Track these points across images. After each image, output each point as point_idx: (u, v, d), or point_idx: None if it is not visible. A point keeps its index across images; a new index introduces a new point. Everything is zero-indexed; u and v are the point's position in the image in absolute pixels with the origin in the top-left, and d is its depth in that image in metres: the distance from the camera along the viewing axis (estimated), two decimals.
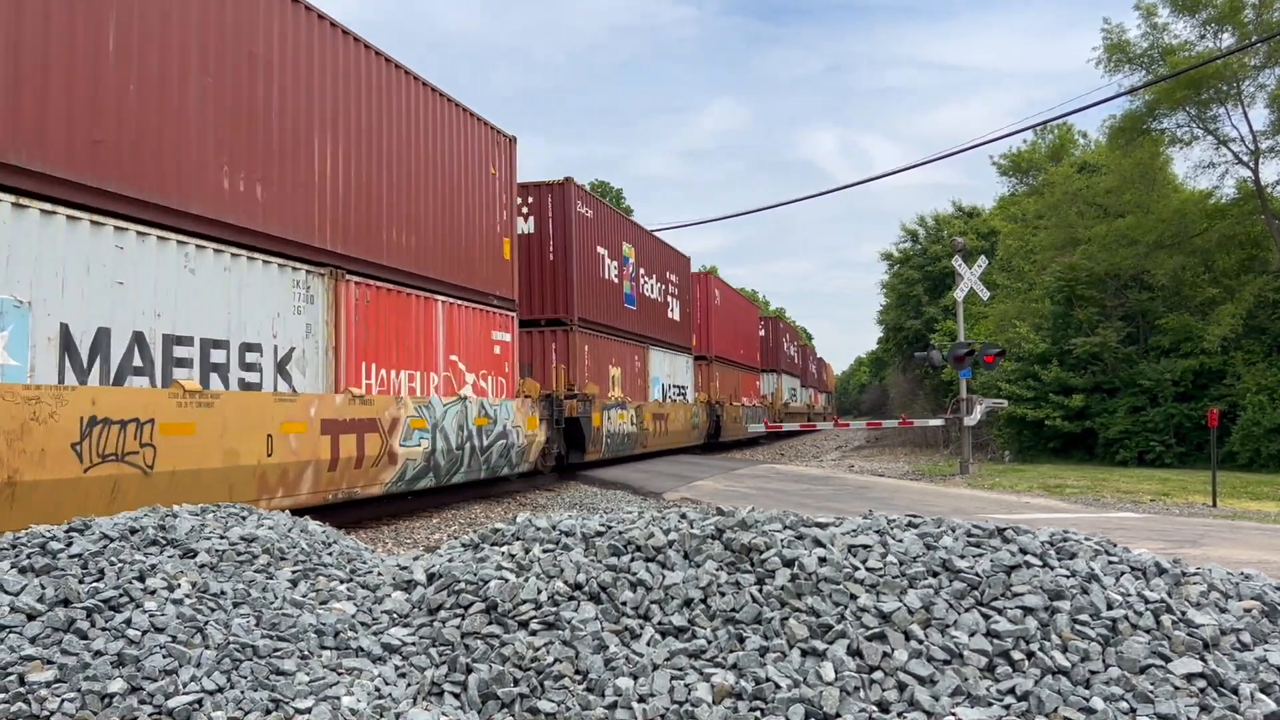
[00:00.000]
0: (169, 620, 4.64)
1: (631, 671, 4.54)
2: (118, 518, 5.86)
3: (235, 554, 5.61)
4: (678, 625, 4.87)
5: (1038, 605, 4.73)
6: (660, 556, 5.35)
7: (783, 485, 19.33)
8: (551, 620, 4.89)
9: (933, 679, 4.35)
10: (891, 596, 4.83)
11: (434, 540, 12.34)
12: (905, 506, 13.92)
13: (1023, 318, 31.54)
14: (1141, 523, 12.83)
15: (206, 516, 6.21)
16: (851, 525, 5.63)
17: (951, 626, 4.64)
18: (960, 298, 24.02)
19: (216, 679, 4.33)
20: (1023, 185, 43.23)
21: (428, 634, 5.00)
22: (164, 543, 5.58)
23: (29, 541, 5.37)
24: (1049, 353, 29.86)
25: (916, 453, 35.22)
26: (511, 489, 19.25)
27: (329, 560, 5.97)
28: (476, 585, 5.21)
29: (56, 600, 4.74)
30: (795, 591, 4.93)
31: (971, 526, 5.52)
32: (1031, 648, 4.49)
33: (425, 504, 16.09)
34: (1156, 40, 27.81)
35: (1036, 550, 5.20)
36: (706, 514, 5.95)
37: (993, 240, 42.89)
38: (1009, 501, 15.80)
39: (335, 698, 4.33)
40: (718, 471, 23.53)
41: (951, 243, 26.17)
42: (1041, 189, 36.55)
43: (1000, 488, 18.93)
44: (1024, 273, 35.50)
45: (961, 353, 22.64)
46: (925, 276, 52.33)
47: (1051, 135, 42.88)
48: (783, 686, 4.33)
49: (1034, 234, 34.74)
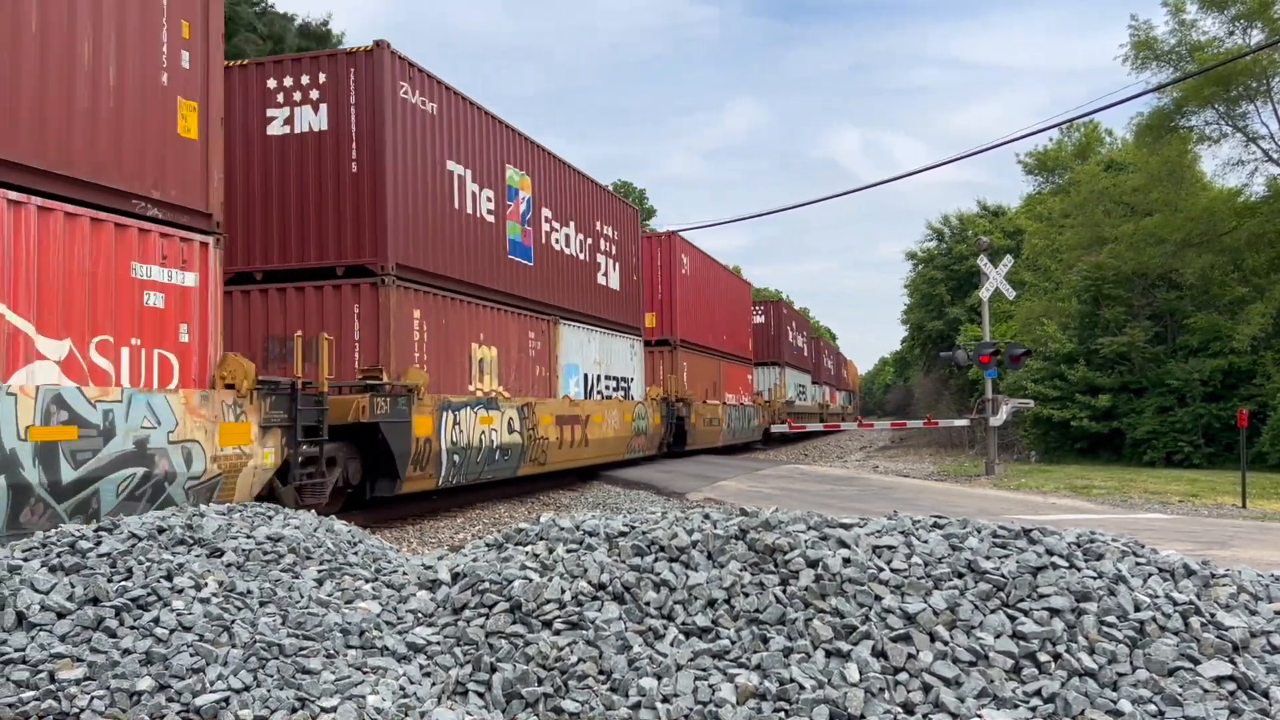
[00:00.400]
0: (196, 619, 4.68)
1: (655, 671, 4.54)
2: (145, 517, 5.92)
3: (262, 553, 5.65)
4: (701, 626, 4.87)
5: (1064, 607, 4.70)
6: (684, 557, 5.35)
7: (806, 486, 19.27)
8: (575, 620, 4.90)
9: (958, 680, 4.33)
10: (916, 597, 4.80)
11: (458, 540, 12.38)
12: (930, 507, 13.85)
13: (1049, 317, 31.30)
14: (1169, 524, 12.71)
15: (233, 516, 6.25)
16: (876, 526, 5.61)
17: (977, 628, 4.62)
18: (986, 297, 23.87)
19: (243, 677, 4.36)
20: (1049, 184, 42.94)
21: (452, 633, 5.02)
22: (191, 542, 5.63)
23: (59, 540, 5.43)
24: (1076, 352, 29.63)
25: (942, 453, 35.03)
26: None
27: (354, 559, 6.00)
28: (501, 585, 5.23)
29: (86, 599, 4.79)
30: (819, 592, 4.91)
31: (997, 527, 5.48)
32: (1058, 649, 4.46)
33: (449, 504, 16.15)
34: (1184, 37, 27.56)
35: (1063, 551, 5.16)
36: (730, 514, 5.95)
37: (1018, 239, 42.60)
38: (1035, 502, 15.69)
39: (360, 696, 4.35)
40: (741, 472, 23.49)
41: (976, 242, 26.00)
42: (1068, 187, 36.27)
43: (1026, 488, 18.80)
44: (1050, 272, 35.24)
45: (987, 352, 22.50)
46: (949, 276, 52.05)
47: (1078, 133, 42.58)
48: (807, 687, 4.32)
49: (1060, 233, 34.47)
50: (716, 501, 15.27)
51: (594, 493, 19.56)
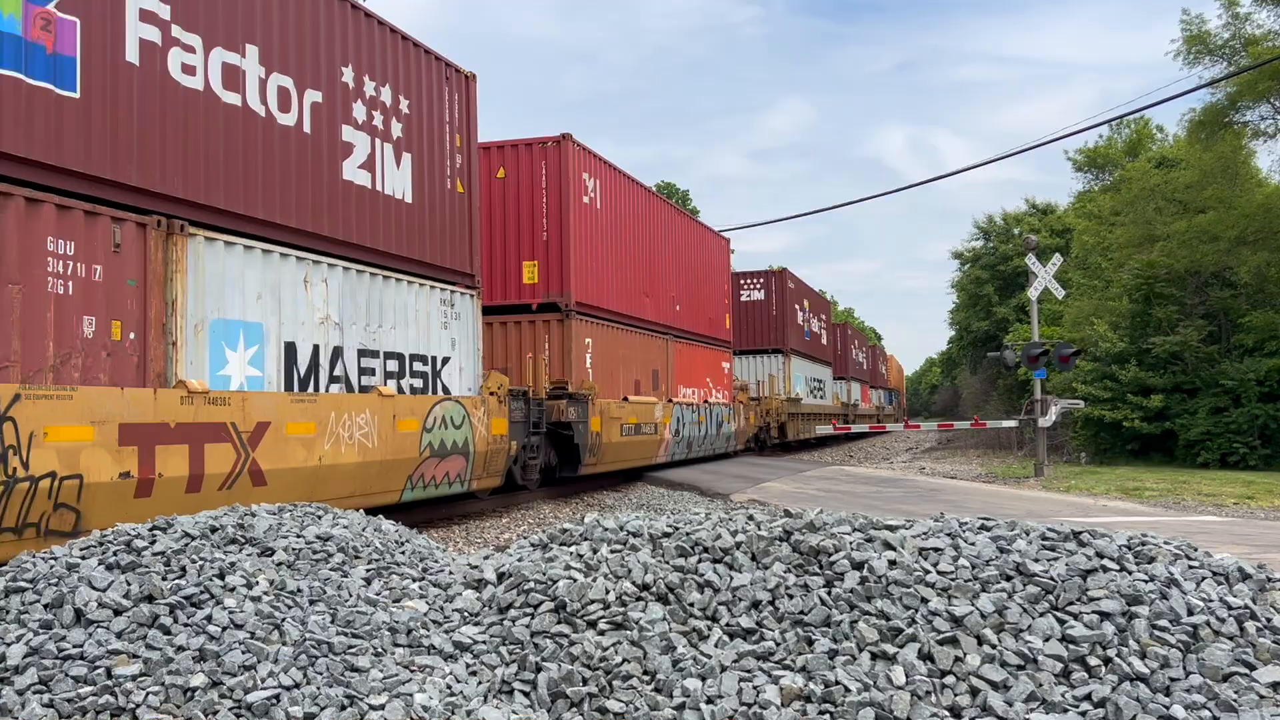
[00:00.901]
0: (248, 617, 4.76)
1: (699, 672, 4.54)
2: (198, 516, 6.02)
3: (311, 552, 5.73)
4: (745, 627, 4.87)
5: (1115, 610, 4.63)
6: (727, 558, 5.35)
7: (851, 487, 19.16)
8: (619, 620, 4.92)
9: (1006, 684, 4.29)
10: (963, 600, 4.76)
11: (503, 540, 12.47)
12: (978, 509, 13.71)
13: (1099, 316, 30.83)
14: (1224, 527, 12.48)
15: (283, 515, 6.34)
16: (922, 528, 5.57)
17: (1025, 631, 4.57)
18: (1034, 296, 23.58)
19: (293, 675, 4.42)
20: (1099, 181, 42.32)
21: (498, 632, 5.05)
22: (243, 541, 5.72)
23: (115, 539, 5.54)
24: (1127, 352, 29.15)
25: (989, 455, 34.65)
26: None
27: (402, 559, 6.07)
28: (545, 585, 5.26)
29: (141, 596, 4.88)
30: (865, 594, 4.89)
31: (1046, 529, 5.42)
32: (1109, 653, 4.40)
33: (495, 503, 16.26)
34: (1238, 30, 27.05)
35: (1114, 554, 5.09)
36: (774, 516, 5.93)
37: (1067, 237, 42.03)
38: (1085, 504, 15.48)
39: (408, 695, 4.40)
40: (785, 473, 23.39)
41: (1024, 240, 25.70)
42: (1118, 184, 35.73)
43: (1076, 490, 18.55)
44: (1100, 270, 34.73)
45: (1036, 352, 22.22)
46: (996, 276, 51.47)
47: (1128, 130, 41.95)
48: (852, 690, 4.30)
49: (1110, 231, 33.96)
50: (760, 503, 15.23)
51: (638, 493, 19.58)
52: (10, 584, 5.05)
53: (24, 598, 4.93)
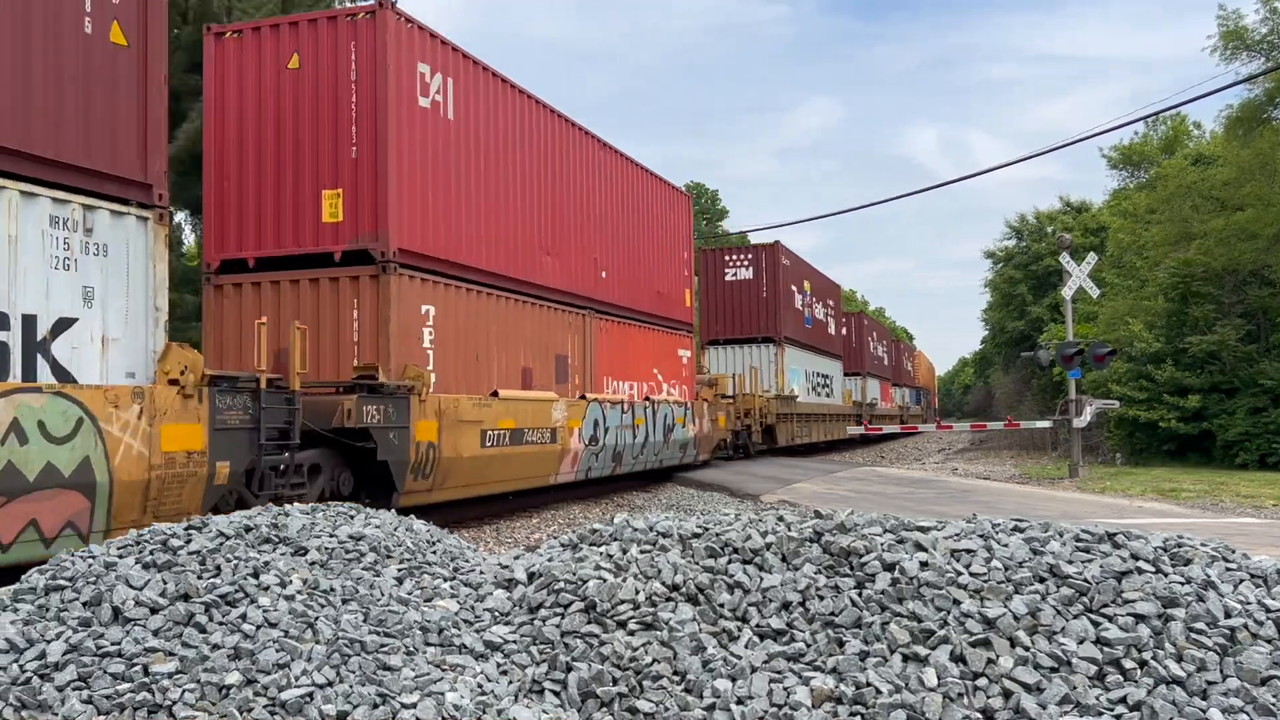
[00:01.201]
0: (282, 615, 4.80)
1: (730, 673, 4.54)
2: (233, 516, 6.09)
3: (344, 551, 5.77)
4: (776, 628, 4.85)
5: (1150, 613, 4.58)
6: (758, 559, 5.34)
7: (882, 488, 19.06)
8: (649, 621, 4.92)
9: (1039, 686, 4.25)
10: (996, 602, 4.73)
11: (533, 539, 12.51)
12: (1011, 510, 13.59)
13: (1135, 316, 30.47)
14: (1263, 528, 12.31)
15: (316, 515, 6.40)
16: (954, 529, 5.54)
17: (1059, 633, 4.53)
18: (1068, 295, 23.35)
19: (326, 673, 4.46)
20: (1134, 179, 41.86)
21: (528, 632, 5.07)
22: (276, 540, 5.78)
23: (151, 538, 5.61)
24: (1163, 352, 28.79)
25: (1023, 456, 34.36)
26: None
27: (433, 558, 6.10)
28: (576, 585, 5.27)
29: (177, 595, 4.94)
30: (896, 596, 4.86)
31: (1080, 531, 5.37)
32: (1144, 656, 4.35)
33: (525, 504, 16.32)
34: (1276, 25, 26.64)
35: (1149, 556, 5.04)
36: (804, 517, 5.91)
37: (1102, 236, 41.59)
38: (1120, 506, 15.31)
39: (440, 693, 4.42)
40: (816, 474, 23.31)
41: (1058, 239, 25.44)
42: (1154, 182, 35.31)
43: (1111, 491, 18.35)
44: (1136, 269, 34.33)
45: (1070, 352, 22.01)
46: (1030, 275, 51.01)
47: (1164, 127, 41.45)
48: (884, 691, 4.28)
49: (1146, 229, 33.56)
50: (790, 504, 15.18)
51: (667, 494, 19.58)
52: (50, 582, 5.13)
53: (63, 595, 5.01)
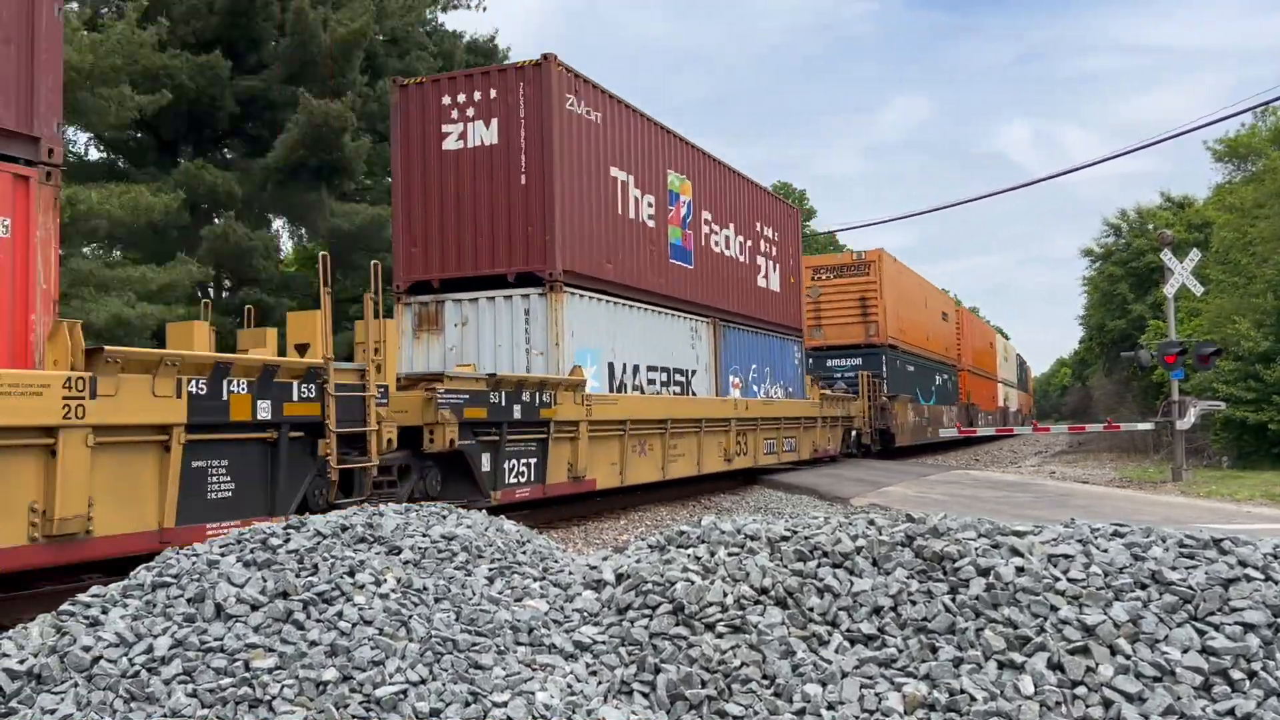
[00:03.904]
0: (376, 613, 4.90)
1: (820, 678, 4.49)
2: (330, 516, 6.24)
3: (436, 551, 5.87)
4: (867, 633, 4.79)
5: (1260, 622, 4.41)
6: (847, 563, 5.27)
7: (976, 492, 18.67)
8: (738, 624, 4.90)
9: (1141, 696, 4.12)
10: (1095, 608, 4.60)
11: (621, 540, 12.55)
12: (1111, 515, 13.19)
13: (1242, 314, 29.34)
14: None
15: (410, 515, 6.52)
16: (1051, 534, 5.40)
17: (1162, 642, 4.39)
18: (1170, 294, 22.61)
19: (419, 671, 4.54)
20: (1240, 172, 40.33)
21: (617, 633, 5.09)
22: (371, 540, 5.90)
23: (251, 538, 5.78)
24: (1272, 351, 27.66)
25: (1124, 458, 33.34)
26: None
27: (523, 558, 6.16)
28: (663, 586, 5.28)
29: (276, 592, 5.08)
30: (991, 602, 4.76)
31: (1184, 536, 5.19)
32: (1253, 667, 4.19)
33: (612, 505, 16.39)
34: None
35: (1258, 563, 4.85)
36: (895, 520, 5.83)
37: (1205, 232, 40.13)
38: (1227, 510, 14.75)
39: (530, 693, 4.47)
40: (907, 477, 22.95)
41: (1159, 236, 24.65)
42: (1262, 175, 33.95)
43: (1217, 495, 17.69)
44: (1242, 266, 33.06)
45: (1173, 352, 21.30)
46: (1130, 273, 49.42)
47: (1273, 118, 39.83)
48: (978, 699, 4.20)
49: (1253, 224, 32.29)
50: (881, 507, 14.97)
51: (754, 496, 19.48)
52: (157, 579, 5.32)
53: (169, 592, 5.18)
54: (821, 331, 32.27)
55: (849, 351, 31.99)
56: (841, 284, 32.65)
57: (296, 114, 23.82)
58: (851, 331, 32.35)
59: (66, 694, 4.42)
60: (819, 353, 31.64)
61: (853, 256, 33.12)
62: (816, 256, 34.15)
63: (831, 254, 30.40)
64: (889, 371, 32.25)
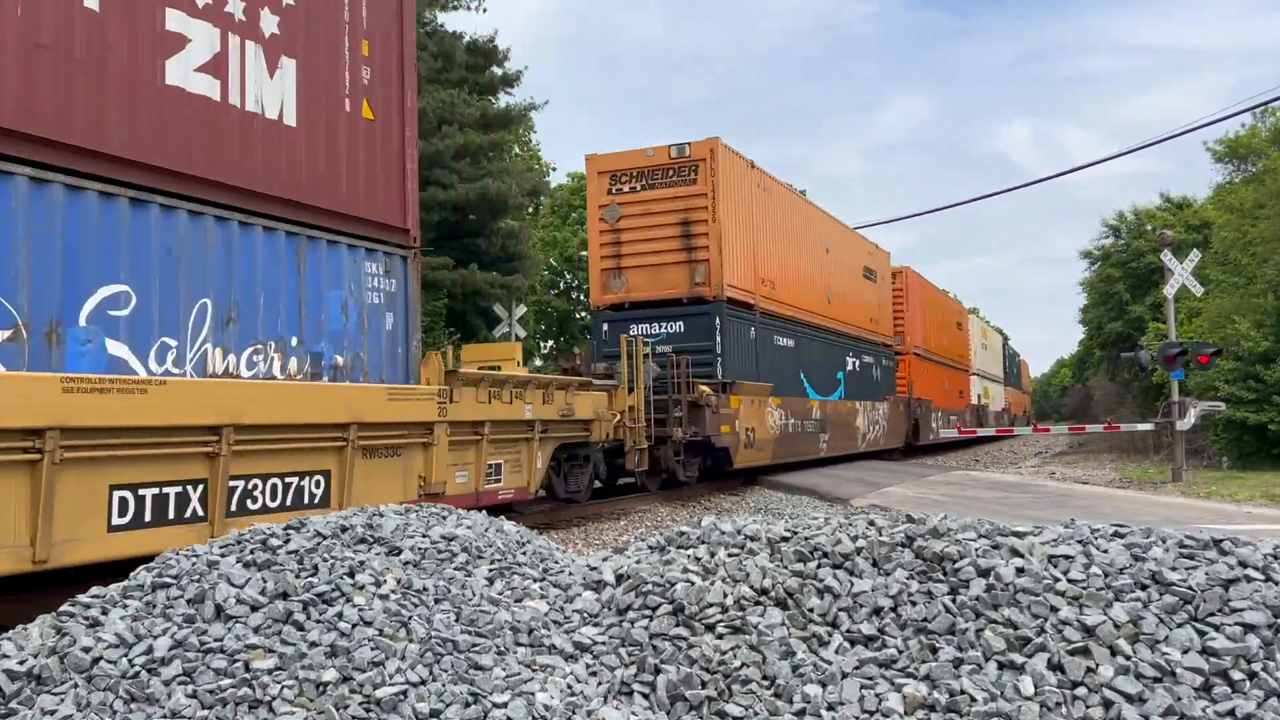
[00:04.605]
0: (376, 614, 4.90)
1: (820, 679, 4.49)
2: (330, 516, 6.23)
3: (436, 552, 5.87)
4: (867, 634, 4.79)
5: (1260, 622, 4.41)
6: (848, 563, 5.27)
7: (977, 492, 18.67)
8: (738, 624, 4.90)
9: (1142, 697, 4.12)
10: (1095, 609, 4.60)
11: (621, 541, 12.55)
12: (1111, 515, 13.20)
13: (1242, 314, 29.35)
14: None
15: (410, 516, 6.52)
16: (1052, 534, 5.40)
17: (1162, 642, 4.39)
18: (1170, 294, 22.62)
19: (420, 671, 4.54)
20: (1240, 172, 40.34)
21: (617, 634, 5.09)
22: (371, 540, 5.90)
23: (251, 538, 5.78)
24: (1272, 351, 27.66)
25: (1124, 459, 33.35)
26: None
27: (523, 559, 6.16)
28: (663, 587, 5.28)
29: (276, 593, 5.08)
30: (991, 602, 4.76)
31: (1184, 537, 5.19)
32: (1254, 668, 4.19)
33: (614, 507, 16.38)
34: None
35: (1258, 563, 4.85)
36: (896, 521, 5.83)
37: (1205, 233, 40.14)
38: (1227, 511, 14.75)
39: (530, 693, 4.47)
40: (908, 477, 22.95)
41: (1159, 236, 24.65)
42: (1262, 176, 33.96)
43: (1217, 496, 17.70)
44: (1242, 266, 33.06)
45: (1173, 352, 21.32)
46: (1129, 273, 49.42)
47: (1273, 118, 39.85)
48: (978, 699, 4.20)
49: (1254, 225, 32.29)
50: (881, 508, 14.97)
51: (755, 497, 19.48)
52: (156, 579, 5.32)
53: (169, 593, 5.18)
54: (622, 279, 20.34)
55: (666, 311, 20.07)
56: (652, 201, 20.10)
57: None
58: (669, 278, 20.01)
59: (66, 695, 4.42)
60: (619, 314, 20.35)
61: (670, 153, 19.99)
62: (613, 154, 20.72)
63: (638, 150, 20.23)
64: (726, 343, 19.65)
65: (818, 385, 25.18)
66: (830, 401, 26.02)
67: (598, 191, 20.72)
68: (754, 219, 21.51)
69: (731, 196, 20.30)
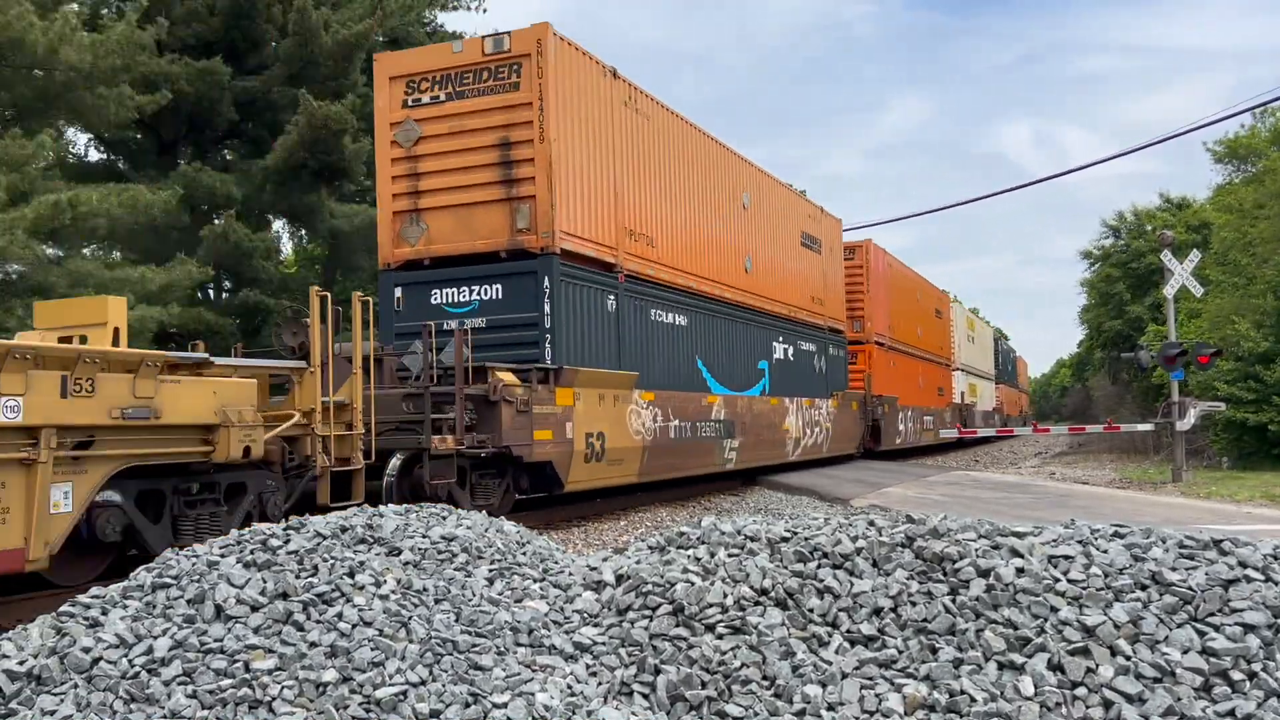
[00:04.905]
0: (376, 615, 4.90)
1: (820, 679, 4.49)
2: (330, 517, 6.23)
3: (436, 552, 5.87)
4: (867, 634, 4.79)
5: (1260, 623, 4.41)
6: (848, 564, 5.27)
7: (977, 493, 18.67)
8: (738, 625, 4.90)
9: (1141, 697, 4.12)
10: (1095, 609, 4.60)
11: (621, 542, 12.55)
12: (1111, 516, 13.19)
13: (1241, 314, 29.34)
14: None
15: (410, 516, 6.52)
16: (1052, 535, 5.40)
17: (1162, 643, 4.39)
18: (1170, 294, 22.62)
19: (419, 672, 4.54)
20: (1240, 173, 40.34)
21: (617, 634, 5.09)
22: (371, 541, 5.90)
23: (252, 538, 5.78)
24: (1272, 351, 27.66)
25: (1124, 459, 33.35)
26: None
27: (523, 559, 6.16)
28: (663, 587, 5.27)
29: (276, 593, 5.08)
30: (991, 603, 4.76)
31: (1184, 537, 5.19)
32: (1253, 668, 4.19)
33: (613, 505, 16.39)
34: None
35: (1258, 563, 4.85)
36: (895, 521, 5.83)
37: (1204, 233, 40.13)
38: (1227, 511, 14.75)
39: (530, 694, 4.46)
40: (908, 478, 22.95)
41: (1159, 236, 24.65)
42: (1262, 176, 33.96)
43: (1217, 496, 17.69)
44: (1242, 267, 33.05)
45: (1173, 353, 21.31)
46: (1129, 274, 49.42)
47: (1272, 119, 39.85)
48: (978, 700, 4.20)
49: (1253, 225, 32.29)
50: (881, 508, 14.97)
51: (755, 497, 19.48)
52: (157, 580, 5.32)
53: (169, 593, 5.18)
54: (422, 226, 14.57)
55: (481, 270, 14.26)
56: (462, 115, 14.27)
57: (297, 115, 23.83)
58: (485, 223, 14.23)
59: (66, 695, 4.42)
60: (417, 275, 14.71)
61: (484, 47, 14.27)
62: (409, 51, 16.12)
63: (442, 45, 15.31)
64: (559, 314, 13.95)
65: (725, 377, 19.47)
66: (744, 398, 20.13)
67: (389, 104, 14.70)
68: (615, 147, 15.58)
69: (572, 109, 14.32)
